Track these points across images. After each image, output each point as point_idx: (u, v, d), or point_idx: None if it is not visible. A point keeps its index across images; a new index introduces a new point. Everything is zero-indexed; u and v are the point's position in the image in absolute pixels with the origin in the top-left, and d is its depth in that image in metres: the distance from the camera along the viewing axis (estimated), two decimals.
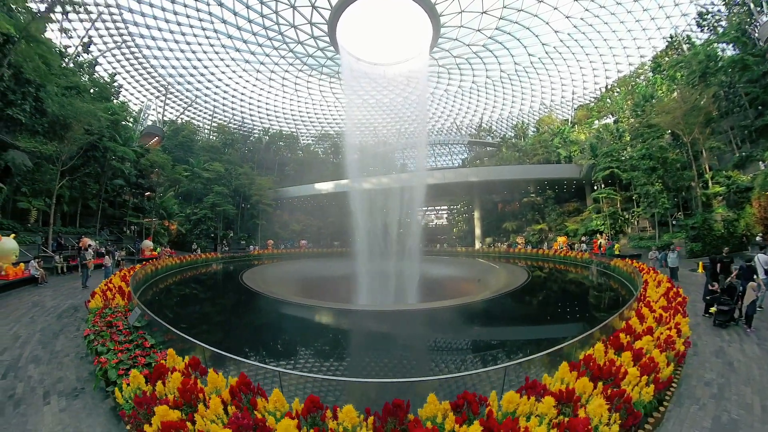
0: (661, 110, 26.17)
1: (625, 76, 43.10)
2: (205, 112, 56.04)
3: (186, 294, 15.94)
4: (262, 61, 41.93)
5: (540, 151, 47.47)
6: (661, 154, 25.39)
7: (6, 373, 6.23)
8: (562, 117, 52.77)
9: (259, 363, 6.26)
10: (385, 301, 18.47)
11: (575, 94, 49.40)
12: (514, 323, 11.64)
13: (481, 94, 52.66)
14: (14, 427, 4.63)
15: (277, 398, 3.84)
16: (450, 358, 8.67)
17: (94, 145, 21.13)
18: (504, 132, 59.50)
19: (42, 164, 16.93)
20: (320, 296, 17.97)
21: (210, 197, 37.79)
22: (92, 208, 23.97)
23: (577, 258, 25.63)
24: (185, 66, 41.23)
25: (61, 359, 7.04)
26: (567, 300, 14.83)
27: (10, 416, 4.87)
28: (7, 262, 12.41)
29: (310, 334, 10.72)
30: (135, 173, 27.12)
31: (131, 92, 43.96)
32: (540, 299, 14.93)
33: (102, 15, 27.99)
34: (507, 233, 43.06)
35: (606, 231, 31.34)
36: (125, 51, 34.99)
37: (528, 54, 42.40)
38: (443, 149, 72.11)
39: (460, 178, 41.70)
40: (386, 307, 16.11)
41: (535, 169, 42.70)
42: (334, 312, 13.01)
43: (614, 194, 32.61)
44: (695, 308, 10.24)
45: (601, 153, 33.86)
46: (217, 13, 31.90)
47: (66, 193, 20.29)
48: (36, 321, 9.43)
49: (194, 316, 12.12)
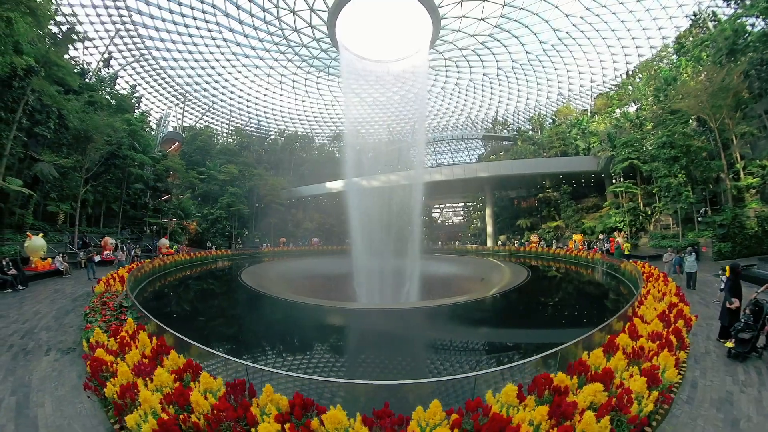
0: (685, 93, 23.96)
1: (647, 60, 41.53)
2: (223, 117, 59.97)
3: (182, 285, 18.12)
4: (271, 66, 44.63)
5: (557, 143, 46.62)
6: (684, 142, 23.37)
7: (24, 336, 8.38)
8: (582, 107, 51.52)
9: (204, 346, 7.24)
10: (376, 300, 18.80)
11: (594, 82, 48.11)
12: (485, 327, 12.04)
13: (494, 87, 52.48)
14: (21, 367, 6.60)
15: (196, 351, 5.44)
16: (428, 356, 9.05)
17: (114, 154, 24.23)
18: (520, 125, 58.86)
19: (68, 173, 19.97)
20: (309, 293, 19.29)
21: (224, 198, 40.97)
22: (115, 210, 27.33)
23: (587, 258, 24.30)
24: (200, 74, 44.76)
25: (66, 329, 9.13)
26: (546, 310, 13.50)
27: (20, 361, 6.88)
28: (36, 256, 15.22)
29: (281, 325, 11.81)
30: (153, 177, 30.30)
31: (152, 101, 48.24)
32: (519, 307, 14.34)
33: (119, 32, 31.54)
34: (522, 231, 42.68)
35: (625, 228, 29.83)
36: (143, 63, 38.80)
37: (539, 41, 41.75)
38: (460, 145, 72.20)
39: (469, 173, 41.39)
40: (373, 305, 16.59)
41: (549, 162, 41.91)
42: (316, 308, 13.94)
43: (633, 188, 30.89)
44: (710, 329, 8.29)
45: (619, 143, 32.51)
46: (225, 23, 34.69)
47: (90, 198, 23.54)
48: (55, 302, 11.78)
49: (181, 302, 14.25)
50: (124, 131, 24.16)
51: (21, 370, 6.50)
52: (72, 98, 18.21)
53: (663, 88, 30.75)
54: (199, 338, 6.50)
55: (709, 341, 7.63)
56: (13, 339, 8.15)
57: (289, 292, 17.33)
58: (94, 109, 21.79)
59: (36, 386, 5.86)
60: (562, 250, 29.50)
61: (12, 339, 8.15)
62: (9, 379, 6.12)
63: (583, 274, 21.54)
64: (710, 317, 9.18)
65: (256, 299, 15.32)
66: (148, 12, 30.81)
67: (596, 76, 47.38)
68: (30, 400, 5.41)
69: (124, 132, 24.39)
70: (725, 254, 19.07)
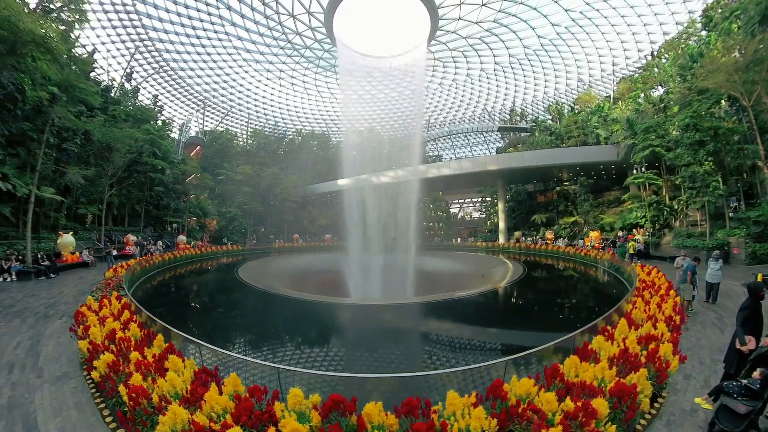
0: (714, 69, 21.50)
1: (673, 38, 39.89)
2: (241, 120, 64.72)
3: (182, 275, 20.96)
4: (281, 69, 48.10)
5: (575, 132, 45.45)
6: (712, 124, 21.23)
7: (48, 307, 11.50)
8: (604, 93, 50.09)
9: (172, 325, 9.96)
10: (360, 295, 19.90)
11: (616, 65, 46.70)
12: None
13: (508, 76, 52.43)
14: (40, 325, 9.53)
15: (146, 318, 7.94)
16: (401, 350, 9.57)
17: (135, 161, 28.28)
18: (538, 115, 58.15)
19: (94, 179, 24.05)
20: (299, 286, 20.46)
21: (239, 197, 45.00)
22: (138, 211, 31.68)
23: (594, 258, 23.03)
24: (216, 81, 49.17)
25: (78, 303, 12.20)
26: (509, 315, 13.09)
27: (41, 321, 9.86)
28: (66, 251, 19.09)
29: (265, 316, 13.50)
30: (171, 180, 34.45)
31: (174, 108, 53.58)
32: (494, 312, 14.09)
33: (138, 48, 36.06)
34: (537, 227, 42.01)
35: (647, 225, 27.79)
36: (163, 74, 43.60)
37: (551, 24, 40.70)
38: (478, 138, 72.23)
39: (478, 167, 40.90)
40: (369, 301, 17.49)
41: (564, 153, 40.70)
42: (297, 301, 15.24)
43: (655, 179, 28.54)
44: (712, 370, 6.37)
45: (639, 129, 30.40)
46: (233, 32, 38.27)
47: (115, 200, 27.79)
48: (77, 286, 15.12)
49: (172, 286, 17.36)
50: (143, 140, 28.12)
51: (39, 326, 9.43)
52: (98, 113, 22.32)
53: (689, 66, 28.47)
54: (168, 312, 9.03)
55: (705, 389, 5.51)
56: (39, 309, 11.29)
57: (277, 285, 18.98)
58: (115, 122, 25.80)
59: (46, 336, 8.71)
60: (573, 249, 28.38)
61: (39, 309, 11.29)
62: (30, 331, 9.03)
63: (576, 277, 20.48)
64: (721, 347, 6.59)
65: (240, 290, 16.91)
66: (162, 28, 35.03)
67: (618, 59, 45.97)
68: (40, 343, 8.22)
69: (144, 141, 28.34)
70: (761, 257, 16.77)
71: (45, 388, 6.08)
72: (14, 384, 6.22)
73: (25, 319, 10.16)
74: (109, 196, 25.74)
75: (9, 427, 4.97)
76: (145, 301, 12.05)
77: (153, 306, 11.21)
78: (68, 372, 6.75)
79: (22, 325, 9.51)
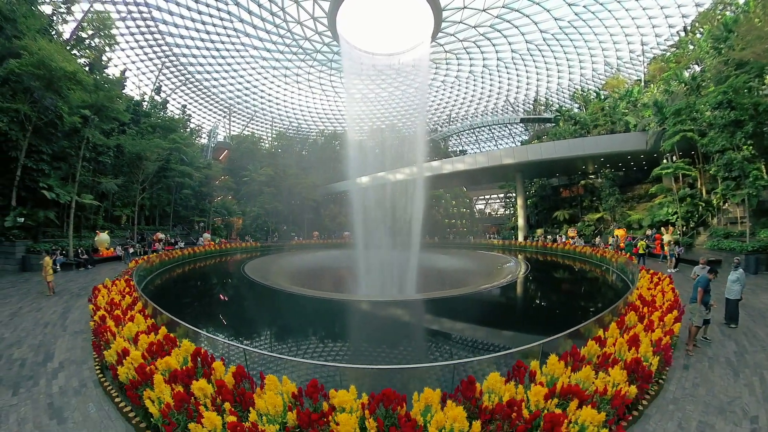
0: (754, 36, 19.12)
1: (707, 9, 37.61)
2: (265, 123, 69.57)
3: (194, 269, 24.00)
4: (296, 73, 51.59)
5: (602, 120, 43.62)
6: (751, 99, 18.67)
7: (81, 289, 15.02)
8: (635, 77, 48.09)
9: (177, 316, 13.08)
10: (362, 292, 20.00)
11: (646, 45, 44.75)
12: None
13: (528, 64, 51.98)
14: (73, 301, 12.84)
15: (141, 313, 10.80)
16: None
17: (164, 167, 32.66)
18: (563, 104, 56.90)
19: (127, 185, 28.52)
20: (303, 284, 21.11)
21: (261, 197, 49.10)
22: (167, 212, 36.33)
23: (609, 260, 21.37)
24: (239, 88, 53.86)
25: None
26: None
27: (74, 299, 13.21)
28: (102, 247, 23.35)
29: (271, 312, 15.80)
30: (197, 184, 38.91)
31: (202, 116, 59.25)
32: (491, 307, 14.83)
33: (165, 64, 40.98)
34: (560, 224, 40.95)
35: (679, 222, 25.52)
36: (189, 86, 48.75)
37: (567, 4, 39.36)
38: (503, 131, 71.64)
39: (493, 161, 40.25)
40: (372, 297, 17.64)
41: (586, 143, 38.55)
42: (302, 297, 17.51)
43: (688, 169, 25.84)
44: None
45: (669, 112, 27.34)
46: (248, 42, 42.13)
47: (147, 203, 32.37)
48: (107, 275, 18.62)
49: (179, 277, 20.48)
50: (171, 148, 32.41)
51: (72, 301, 12.76)
52: (130, 125, 26.78)
53: (724, 37, 25.76)
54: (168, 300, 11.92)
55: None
56: (74, 290, 14.82)
57: (279, 281, 20.15)
58: (144, 134, 30.15)
59: (75, 307, 11.93)
60: (590, 249, 26.75)
61: (75, 290, 14.82)
62: (65, 304, 12.33)
63: (578, 280, 19.93)
64: (723, 406, 5.19)
65: (243, 284, 19.02)
66: (184, 44, 39.57)
67: (647, 38, 44.02)
68: (69, 311, 11.41)
69: (171, 149, 32.65)
70: None
71: (65, 337, 9.04)
72: (46, 334, 9.24)
73: (62, 296, 13.62)
74: (141, 199, 30.19)
75: (35, 354, 7.85)
76: (153, 286, 15.22)
77: (156, 288, 14.27)
78: (83, 329, 9.70)
79: (59, 300, 12.90)
